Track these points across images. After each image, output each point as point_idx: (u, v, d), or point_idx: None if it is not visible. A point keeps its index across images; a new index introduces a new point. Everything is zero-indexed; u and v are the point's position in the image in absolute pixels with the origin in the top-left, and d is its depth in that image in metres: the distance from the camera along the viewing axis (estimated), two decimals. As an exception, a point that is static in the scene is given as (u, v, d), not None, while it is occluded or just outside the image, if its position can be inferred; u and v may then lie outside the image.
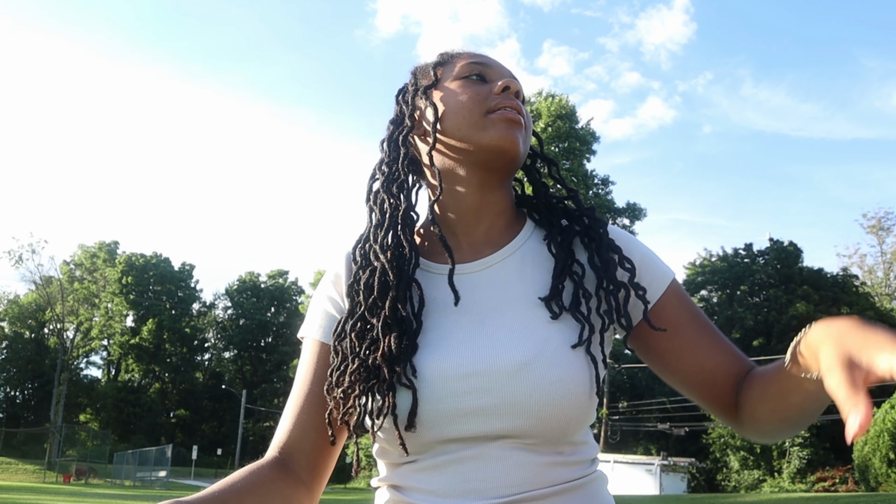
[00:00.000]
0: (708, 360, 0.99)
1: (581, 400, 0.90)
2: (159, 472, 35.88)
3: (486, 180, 1.01)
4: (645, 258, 1.03)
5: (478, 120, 0.98)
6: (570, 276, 0.98)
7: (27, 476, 40.65)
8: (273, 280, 64.91)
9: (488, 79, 1.03)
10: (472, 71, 1.03)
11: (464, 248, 1.03)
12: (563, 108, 31.14)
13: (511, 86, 1.00)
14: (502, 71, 1.05)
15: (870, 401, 0.62)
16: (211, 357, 64.12)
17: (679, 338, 0.99)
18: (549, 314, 0.94)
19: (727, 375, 0.98)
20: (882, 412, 17.35)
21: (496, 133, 0.97)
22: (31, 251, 49.05)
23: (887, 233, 44.67)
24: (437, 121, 1.01)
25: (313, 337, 1.05)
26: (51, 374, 53.41)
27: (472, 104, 0.99)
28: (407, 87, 1.10)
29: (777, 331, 38.65)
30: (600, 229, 1.03)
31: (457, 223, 1.04)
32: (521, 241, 1.04)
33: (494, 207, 1.04)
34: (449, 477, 0.90)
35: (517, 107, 0.99)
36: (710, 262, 43.97)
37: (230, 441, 53.71)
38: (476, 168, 1.01)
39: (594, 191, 31.84)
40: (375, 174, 1.06)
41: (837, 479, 25.03)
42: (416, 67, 1.11)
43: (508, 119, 0.98)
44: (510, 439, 0.89)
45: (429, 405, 0.89)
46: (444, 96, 1.02)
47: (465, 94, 1.01)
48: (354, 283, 0.99)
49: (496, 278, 0.99)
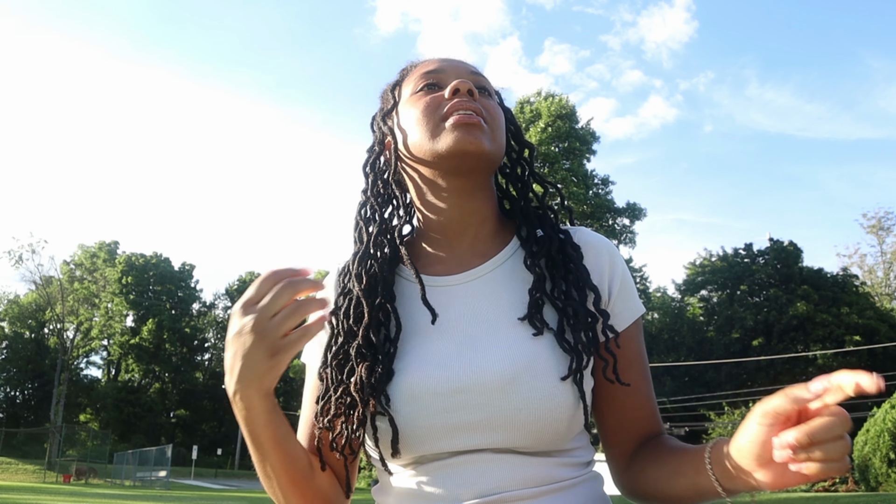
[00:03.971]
0: (632, 412, 1.01)
1: (568, 414, 0.90)
2: (159, 472, 35.86)
3: (463, 187, 1.02)
4: (623, 286, 1.02)
5: (433, 130, 0.98)
6: (549, 299, 0.97)
7: (27, 476, 40.64)
8: (273, 280, 64.87)
9: (443, 85, 1.03)
10: (424, 82, 1.03)
11: (451, 259, 1.03)
12: (562, 108, 31.11)
13: (460, 87, 0.99)
14: (457, 71, 1.04)
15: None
16: (211, 357, 64.06)
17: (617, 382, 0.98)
18: (533, 331, 0.94)
19: (640, 432, 1.01)
20: (882, 412, 17.36)
21: (451, 139, 0.97)
22: (31, 251, 49.04)
23: (887, 233, 44.70)
24: (402, 141, 1.03)
25: (307, 363, 1.08)
26: (51, 374, 53.41)
27: (425, 118, 1.00)
28: (377, 112, 1.11)
29: (777, 331, 38.62)
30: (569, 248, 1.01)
31: (442, 235, 1.05)
32: (510, 252, 1.04)
33: (477, 216, 1.04)
34: (440, 481, 0.91)
35: (469, 107, 0.98)
36: (710, 261, 43.97)
37: (230, 441, 53.71)
38: (449, 177, 1.01)
39: (594, 191, 31.81)
40: (359, 203, 1.07)
41: (837, 479, 25.00)
42: (382, 91, 1.13)
43: (460, 123, 0.97)
44: (500, 451, 0.90)
45: (419, 421, 0.90)
46: (404, 115, 1.03)
47: (418, 108, 1.01)
48: (337, 310, 1.01)
49: (483, 291, 0.99)
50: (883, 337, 35.58)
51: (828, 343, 36.28)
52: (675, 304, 44.67)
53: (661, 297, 44.94)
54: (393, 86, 1.08)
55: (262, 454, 0.92)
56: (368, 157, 1.08)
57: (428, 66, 1.06)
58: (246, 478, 45.38)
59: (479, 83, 1.04)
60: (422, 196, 1.04)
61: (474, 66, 1.07)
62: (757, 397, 31.45)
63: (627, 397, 0.99)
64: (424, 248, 1.06)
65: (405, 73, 1.09)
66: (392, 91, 1.08)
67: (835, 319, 37.48)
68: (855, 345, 34.61)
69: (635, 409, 1.00)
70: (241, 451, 51.66)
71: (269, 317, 0.82)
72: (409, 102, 1.03)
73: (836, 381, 0.67)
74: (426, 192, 1.04)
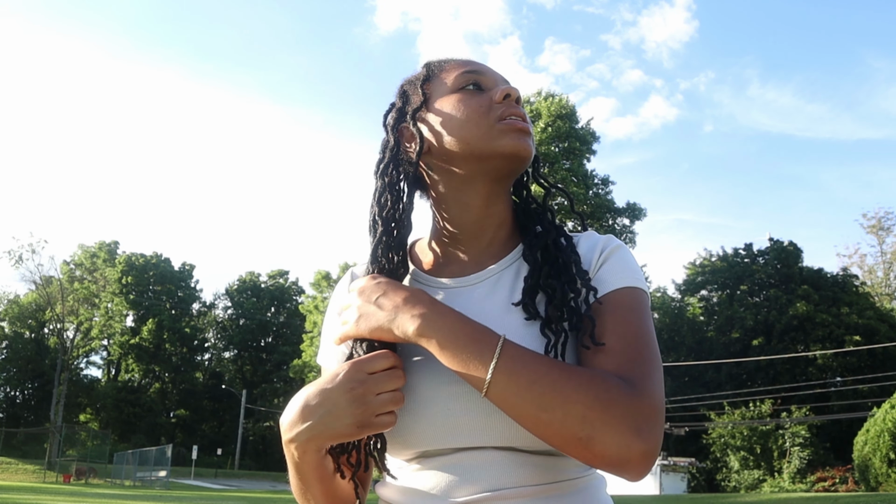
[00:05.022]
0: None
1: None
2: (159, 472, 35.87)
3: (494, 189, 1.02)
4: (613, 259, 0.99)
5: (487, 131, 0.98)
6: (542, 288, 0.97)
7: (27, 476, 40.64)
8: (273, 280, 64.91)
9: (484, 87, 1.02)
10: (467, 81, 1.02)
11: (467, 260, 1.04)
12: (562, 108, 31.10)
13: (511, 93, 1.00)
14: (496, 77, 1.04)
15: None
16: (211, 357, 64.13)
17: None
18: (525, 315, 0.95)
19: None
20: (882, 412, 17.36)
21: (510, 141, 0.97)
22: (31, 251, 49.00)
23: (887, 233, 44.75)
24: (439, 139, 1.01)
25: (325, 367, 1.08)
26: (51, 374, 53.41)
27: (478, 116, 0.99)
28: (393, 108, 1.08)
29: (777, 330, 38.64)
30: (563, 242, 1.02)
31: (462, 236, 1.05)
32: (520, 254, 1.04)
33: (496, 218, 1.04)
34: (442, 477, 0.92)
35: (522, 115, 1.00)
36: (710, 262, 44.00)
37: (230, 441, 53.72)
38: (486, 179, 1.01)
39: (594, 191, 31.79)
40: (371, 205, 1.05)
41: (837, 479, 25.02)
42: (404, 85, 1.09)
43: (518, 128, 0.98)
44: (501, 449, 0.91)
45: (424, 420, 0.92)
46: (443, 112, 1.01)
47: (468, 106, 1.00)
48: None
49: (491, 290, 1.01)
50: (883, 337, 35.59)
51: (828, 343, 36.29)
52: (675, 304, 44.69)
53: (661, 297, 44.94)
54: (421, 81, 1.05)
55: (306, 485, 0.95)
56: (383, 157, 1.05)
57: (466, 66, 1.04)
58: (246, 478, 45.39)
59: (518, 95, 1.05)
60: (448, 197, 1.03)
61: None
62: (757, 397, 31.48)
63: (590, 361, 0.89)
64: (440, 249, 1.07)
65: (434, 69, 1.06)
66: (420, 87, 1.05)
67: (835, 319, 37.49)
68: (855, 345, 34.62)
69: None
70: (241, 451, 51.67)
71: (375, 392, 0.83)
72: (453, 99, 1.01)
73: None
74: (455, 193, 1.03)
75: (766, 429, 29.63)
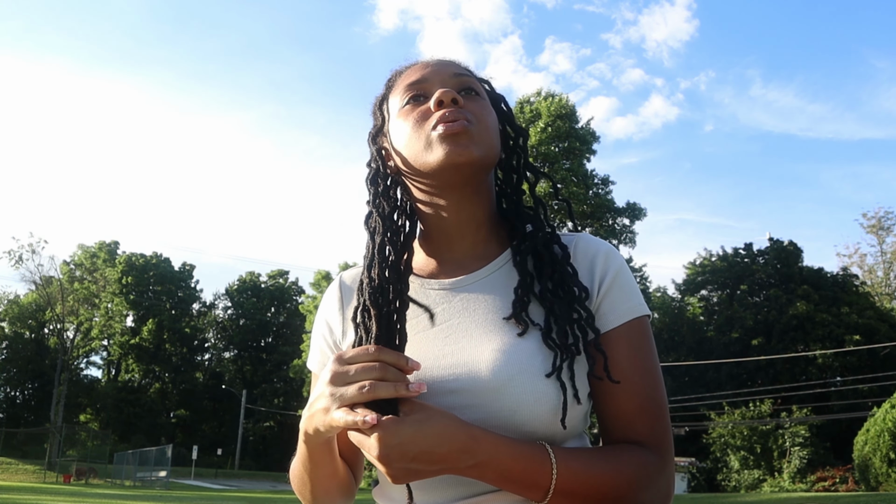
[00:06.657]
0: (617, 416, 0.97)
1: (558, 416, 0.91)
2: (159, 472, 35.85)
3: (462, 194, 1.02)
4: (615, 286, 1.00)
5: (425, 145, 0.98)
6: (536, 298, 0.98)
7: (27, 476, 40.62)
8: (273, 280, 64.85)
9: (428, 94, 1.02)
10: (409, 95, 1.03)
11: (451, 262, 1.05)
12: (562, 108, 31.05)
13: (444, 98, 0.98)
14: (440, 77, 1.03)
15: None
16: (211, 357, 64.08)
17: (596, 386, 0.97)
18: (518, 329, 0.95)
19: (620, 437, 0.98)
20: (882, 412, 17.36)
21: (440, 152, 0.97)
22: (31, 251, 48.91)
23: (887, 232, 44.72)
24: (398, 158, 1.03)
25: (314, 371, 1.11)
26: (51, 374, 53.38)
27: (415, 133, 1.00)
28: (371, 128, 1.11)
29: (777, 330, 38.63)
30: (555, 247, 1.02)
31: (443, 240, 1.06)
32: (510, 255, 1.04)
33: (472, 222, 1.05)
34: (439, 481, 0.92)
35: (454, 116, 0.97)
36: (710, 261, 43.98)
37: (230, 441, 53.69)
38: (445, 188, 1.01)
39: (594, 190, 31.75)
40: (366, 214, 1.06)
41: (837, 479, 25.00)
42: (374, 104, 1.12)
43: (447, 135, 0.96)
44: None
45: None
46: (395, 132, 1.04)
47: (407, 124, 1.01)
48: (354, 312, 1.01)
49: (480, 294, 1.01)
50: (883, 337, 35.57)
51: (828, 343, 36.27)
52: (675, 304, 44.67)
53: (661, 297, 44.91)
54: (380, 102, 1.09)
55: (304, 468, 1.01)
56: (369, 172, 1.06)
57: (411, 77, 1.05)
58: (246, 478, 45.37)
59: (464, 84, 1.03)
60: (422, 205, 1.05)
61: (458, 65, 1.07)
62: (757, 397, 31.47)
63: (612, 398, 0.96)
64: (427, 253, 1.08)
65: (390, 84, 1.09)
66: (380, 108, 1.08)
67: (835, 319, 37.48)
68: (855, 345, 34.61)
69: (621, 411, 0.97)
70: (241, 451, 51.66)
71: (346, 381, 0.84)
72: (399, 118, 1.03)
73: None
74: (426, 202, 1.04)
75: (767, 429, 29.63)
